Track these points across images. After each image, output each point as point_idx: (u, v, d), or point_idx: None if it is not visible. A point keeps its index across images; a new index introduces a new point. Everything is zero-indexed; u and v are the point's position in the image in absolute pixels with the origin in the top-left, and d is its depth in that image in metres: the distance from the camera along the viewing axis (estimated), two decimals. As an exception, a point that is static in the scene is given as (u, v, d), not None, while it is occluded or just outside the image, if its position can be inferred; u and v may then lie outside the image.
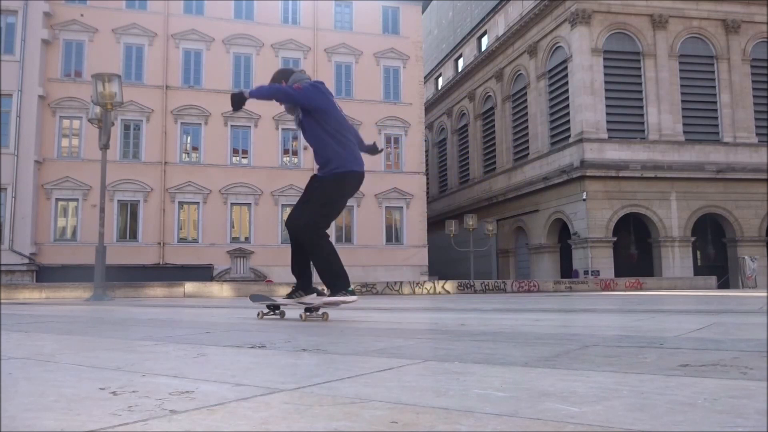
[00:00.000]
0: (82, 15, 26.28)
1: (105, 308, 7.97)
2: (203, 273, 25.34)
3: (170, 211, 26.51)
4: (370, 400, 1.37)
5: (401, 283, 21.52)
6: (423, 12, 31.46)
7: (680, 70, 28.66)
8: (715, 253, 29.43)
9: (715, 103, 28.93)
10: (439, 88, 43.70)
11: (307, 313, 4.40)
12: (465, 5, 43.11)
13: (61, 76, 25.99)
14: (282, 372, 1.87)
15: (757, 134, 28.84)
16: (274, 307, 4.74)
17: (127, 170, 26.04)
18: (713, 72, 29.13)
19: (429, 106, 41.02)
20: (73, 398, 1.42)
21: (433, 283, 22.15)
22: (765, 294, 13.40)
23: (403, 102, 29.28)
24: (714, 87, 29.04)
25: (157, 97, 26.72)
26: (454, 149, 41.22)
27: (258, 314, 4.73)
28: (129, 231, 26.40)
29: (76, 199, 25.72)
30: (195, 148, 27.46)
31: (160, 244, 26.20)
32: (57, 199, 25.63)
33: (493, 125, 35.93)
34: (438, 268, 29.94)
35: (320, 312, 4.41)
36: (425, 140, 32.49)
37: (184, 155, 27.42)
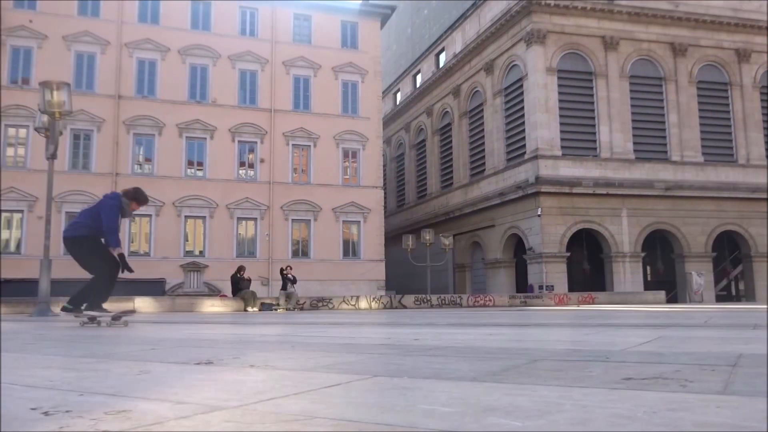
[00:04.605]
0: (31, 21, 25.55)
1: (48, 324, 7.72)
2: (155, 287, 24.71)
3: (121, 224, 25.80)
4: (315, 417, 1.35)
5: (358, 297, 21.42)
6: (382, 27, 31.67)
7: (630, 90, 29.56)
8: (664, 268, 30.26)
9: (664, 122, 29.91)
10: (398, 103, 44.01)
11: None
12: (423, 22, 43.66)
13: (8, 83, 25.20)
14: (226, 389, 1.83)
15: (703, 153, 29.90)
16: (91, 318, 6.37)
17: (77, 181, 25.28)
18: (662, 93, 30.13)
19: (387, 121, 41.23)
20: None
21: (390, 297, 22.12)
22: (710, 308, 13.83)
23: (361, 116, 29.31)
24: (662, 107, 30.03)
25: (109, 107, 26.11)
26: (411, 164, 41.49)
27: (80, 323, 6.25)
28: (78, 243, 25.57)
29: (21, 211, 24.85)
30: (148, 159, 26.89)
31: (110, 257, 25.45)
32: (1, 211, 24.71)
33: (451, 141, 36.34)
34: (395, 283, 29.93)
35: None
36: (383, 155, 32.59)
37: (136, 166, 26.79)
